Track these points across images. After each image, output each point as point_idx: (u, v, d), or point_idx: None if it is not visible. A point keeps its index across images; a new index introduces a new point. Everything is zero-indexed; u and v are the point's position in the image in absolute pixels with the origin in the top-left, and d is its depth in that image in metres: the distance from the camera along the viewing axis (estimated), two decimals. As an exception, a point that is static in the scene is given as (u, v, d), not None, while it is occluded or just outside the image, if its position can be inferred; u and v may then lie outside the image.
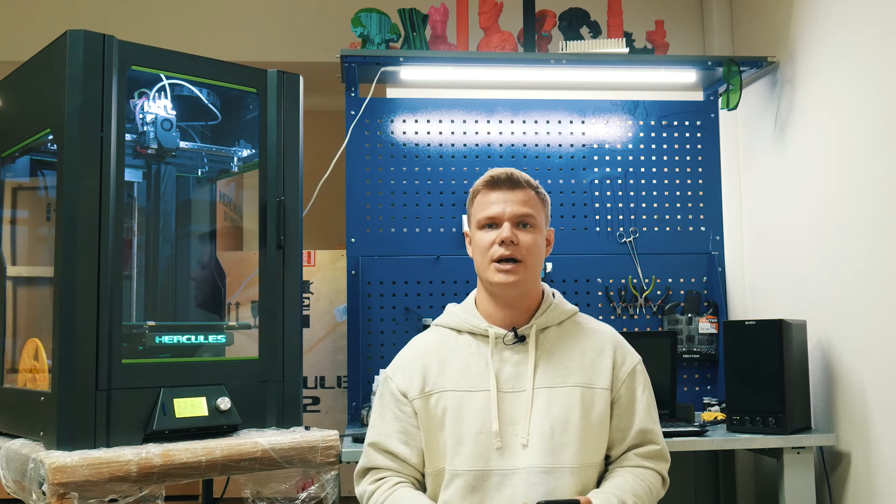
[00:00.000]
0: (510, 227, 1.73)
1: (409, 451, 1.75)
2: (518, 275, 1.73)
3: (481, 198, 1.78)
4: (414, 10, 3.10)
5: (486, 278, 1.77)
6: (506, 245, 1.72)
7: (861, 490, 2.59)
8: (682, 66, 3.19)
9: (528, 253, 1.74)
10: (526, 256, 1.73)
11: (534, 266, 1.76)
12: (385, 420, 1.79)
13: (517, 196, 1.75)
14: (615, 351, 1.80)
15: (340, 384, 3.25)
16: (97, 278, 1.95)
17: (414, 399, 1.76)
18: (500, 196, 1.75)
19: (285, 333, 2.25)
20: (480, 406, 1.71)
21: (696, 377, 3.21)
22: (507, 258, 1.72)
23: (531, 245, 1.74)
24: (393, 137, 3.22)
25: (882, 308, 2.47)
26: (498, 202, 1.75)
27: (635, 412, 1.77)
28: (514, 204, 1.74)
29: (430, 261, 3.17)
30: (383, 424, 1.79)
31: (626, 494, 1.68)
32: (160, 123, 2.22)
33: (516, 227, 1.74)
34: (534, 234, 1.76)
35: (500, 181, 1.76)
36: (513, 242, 1.72)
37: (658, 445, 1.79)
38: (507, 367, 1.75)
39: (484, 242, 1.75)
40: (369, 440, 1.80)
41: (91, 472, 1.81)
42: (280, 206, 2.26)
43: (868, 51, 2.56)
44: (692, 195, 3.31)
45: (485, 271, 1.76)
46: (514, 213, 1.74)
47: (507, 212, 1.74)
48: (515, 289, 1.75)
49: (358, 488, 1.80)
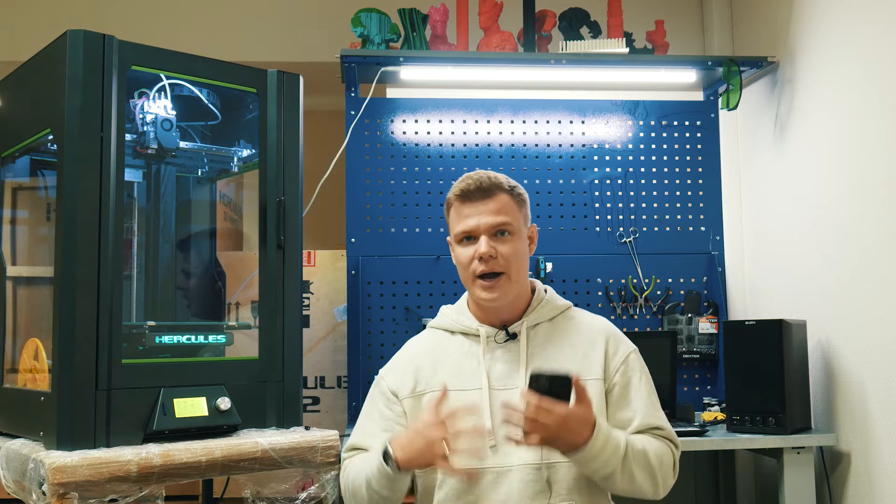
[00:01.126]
0: (487, 240, 1.71)
1: None
2: (501, 289, 1.72)
3: (455, 211, 1.77)
4: (414, 10, 3.10)
5: (471, 293, 1.78)
6: (484, 261, 1.71)
7: (861, 490, 2.59)
8: (682, 66, 3.19)
9: (509, 262, 1.72)
10: (507, 266, 1.72)
11: (517, 273, 1.75)
12: (372, 419, 1.81)
13: (490, 206, 1.72)
14: (607, 341, 1.79)
15: (340, 384, 3.25)
16: (97, 278, 1.95)
17: (404, 398, 1.77)
18: (473, 209, 1.73)
19: (285, 333, 2.25)
20: (473, 404, 1.70)
21: (696, 377, 3.21)
22: (489, 273, 1.71)
23: (511, 254, 1.72)
24: (393, 137, 3.22)
25: (882, 308, 2.47)
26: (472, 215, 1.73)
27: (632, 399, 1.74)
28: (487, 215, 1.72)
29: (430, 261, 3.17)
30: (369, 423, 1.81)
31: (634, 439, 1.66)
32: (160, 123, 2.22)
33: (494, 237, 1.72)
34: (512, 241, 1.73)
35: (471, 193, 1.73)
36: (492, 256, 1.70)
37: (664, 429, 1.75)
38: (499, 364, 1.74)
39: (464, 258, 1.74)
40: (351, 442, 1.82)
41: (91, 472, 1.81)
42: (280, 206, 2.26)
43: (868, 51, 2.56)
44: (692, 195, 3.31)
45: (470, 286, 1.76)
46: (489, 224, 1.72)
47: (481, 224, 1.72)
48: (500, 300, 1.74)
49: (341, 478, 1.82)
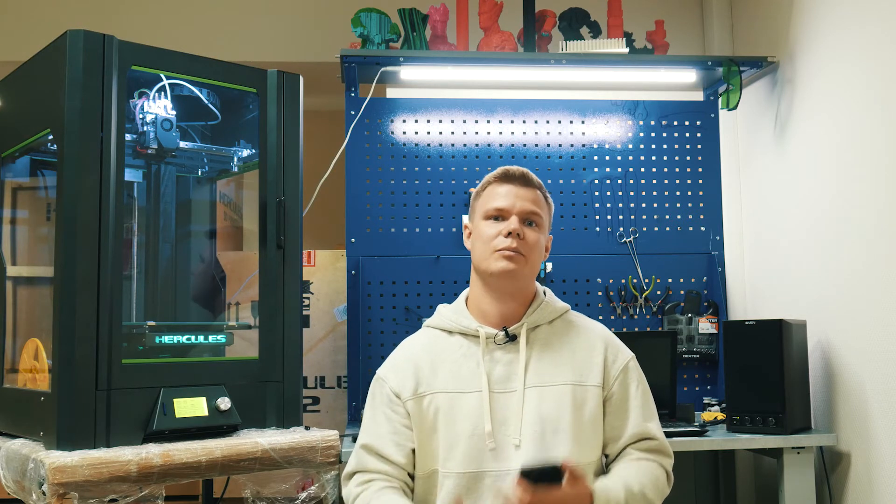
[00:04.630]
0: (518, 220, 1.74)
1: (400, 454, 1.73)
2: (518, 264, 1.73)
3: (491, 189, 1.79)
4: (414, 10, 3.10)
5: (485, 268, 1.75)
6: (512, 237, 1.72)
7: (861, 490, 2.59)
8: (682, 66, 3.18)
9: (531, 250, 1.74)
10: (528, 253, 1.74)
11: (534, 264, 1.77)
12: (377, 422, 1.77)
13: (528, 194, 1.77)
14: (606, 348, 1.79)
15: (340, 384, 3.25)
16: (97, 278, 1.95)
17: (407, 400, 1.75)
18: (512, 190, 1.77)
19: (285, 333, 2.25)
20: (473, 407, 1.70)
21: (696, 377, 3.21)
22: (512, 249, 1.72)
23: (535, 243, 1.75)
24: (393, 137, 3.22)
25: (882, 308, 2.47)
26: (509, 196, 1.76)
27: (629, 409, 1.76)
28: (524, 200, 1.76)
29: (430, 261, 3.17)
30: (375, 426, 1.77)
31: (630, 480, 1.67)
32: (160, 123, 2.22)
33: (523, 223, 1.75)
34: (538, 233, 1.77)
35: (514, 176, 1.78)
36: (519, 236, 1.73)
37: (656, 440, 1.77)
38: (499, 367, 1.74)
39: (489, 233, 1.75)
40: (361, 442, 1.78)
41: (91, 472, 1.81)
42: (280, 206, 2.26)
43: (868, 51, 2.56)
44: (692, 195, 3.31)
45: (485, 260, 1.75)
46: (523, 208, 1.75)
47: (516, 206, 1.75)
48: (514, 279, 1.74)
49: (345, 490, 1.78)
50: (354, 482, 1.75)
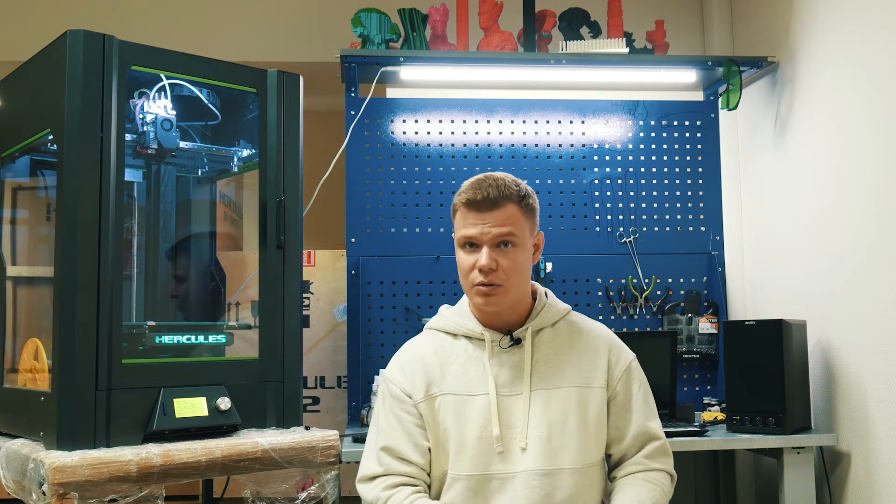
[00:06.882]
0: (489, 252, 1.69)
1: (418, 454, 1.72)
2: (498, 298, 1.71)
3: (460, 215, 1.74)
4: (414, 10, 3.10)
5: (469, 298, 1.78)
6: (484, 273, 1.69)
7: (861, 490, 2.59)
8: (682, 66, 3.19)
9: (508, 276, 1.70)
10: (506, 280, 1.70)
11: (517, 285, 1.73)
12: (391, 424, 1.75)
13: (497, 216, 1.70)
14: (610, 350, 1.80)
15: (340, 384, 3.25)
16: (97, 278, 1.95)
17: (419, 402, 1.74)
18: (479, 217, 1.70)
19: (285, 333, 2.25)
20: (480, 410, 1.71)
21: (696, 377, 3.21)
22: (486, 284, 1.70)
23: (511, 267, 1.70)
24: (393, 137, 3.22)
25: (882, 308, 2.47)
26: (477, 224, 1.70)
27: (632, 409, 1.77)
28: (493, 226, 1.69)
29: (430, 261, 3.17)
30: (390, 428, 1.75)
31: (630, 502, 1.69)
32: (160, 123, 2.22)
33: (496, 248, 1.70)
34: (514, 252, 1.71)
35: (479, 202, 1.70)
36: (492, 269, 1.69)
37: (660, 440, 1.79)
38: (504, 370, 1.74)
39: (465, 265, 1.73)
40: (381, 444, 1.75)
41: (91, 472, 1.81)
42: (280, 206, 2.26)
43: (868, 51, 2.56)
44: (692, 195, 3.31)
45: (468, 291, 1.76)
46: (492, 235, 1.69)
47: (486, 235, 1.69)
48: (498, 306, 1.74)
49: (368, 493, 1.73)
50: (379, 486, 1.71)
